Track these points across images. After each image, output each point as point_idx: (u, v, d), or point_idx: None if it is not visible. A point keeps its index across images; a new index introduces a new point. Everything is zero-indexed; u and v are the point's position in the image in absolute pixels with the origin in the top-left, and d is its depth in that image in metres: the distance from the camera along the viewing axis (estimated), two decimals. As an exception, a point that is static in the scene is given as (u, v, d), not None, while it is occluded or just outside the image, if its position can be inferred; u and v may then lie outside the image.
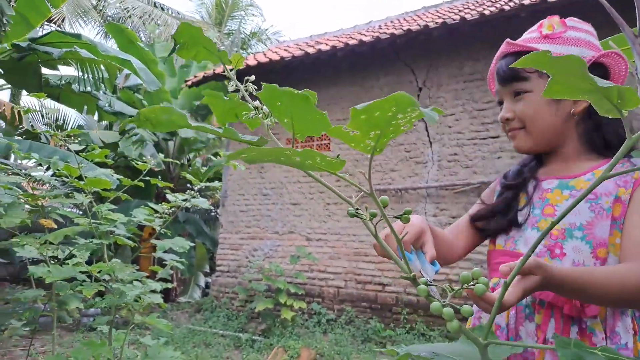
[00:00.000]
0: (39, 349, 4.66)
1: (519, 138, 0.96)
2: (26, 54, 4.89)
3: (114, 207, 2.30)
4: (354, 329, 5.03)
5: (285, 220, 6.15)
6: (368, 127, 0.43)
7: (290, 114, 0.48)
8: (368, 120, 0.42)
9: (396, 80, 5.54)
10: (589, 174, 0.91)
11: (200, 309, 6.55)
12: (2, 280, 9.34)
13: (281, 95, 0.45)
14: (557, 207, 0.91)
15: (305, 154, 0.42)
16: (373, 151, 0.47)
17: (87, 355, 2.03)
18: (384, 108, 0.41)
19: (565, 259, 0.87)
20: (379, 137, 0.45)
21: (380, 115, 0.41)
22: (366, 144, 0.46)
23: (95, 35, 11.90)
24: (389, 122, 0.43)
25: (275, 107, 0.48)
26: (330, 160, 0.44)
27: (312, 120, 0.47)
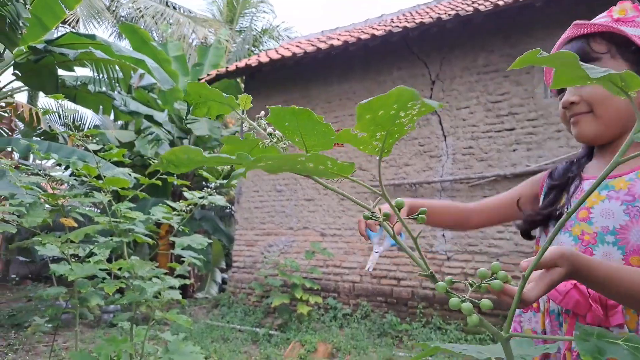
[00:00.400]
0: (62, 344, 4.76)
1: (584, 123, 0.89)
2: (42, 56, 4.98)
3: (132, 205, 2.34)
4: (370, 323, 5.04)
5: (299, 216, 6.17)
6: (374, 127, 0.44)
7: (298, 131, 0.49)
8: (373, 120, 0.43)
9: (409, 74, 5.50)
10: (633, 174, 0.85)
11: (218, 304, 6.62)
12: (24, 278, 9.56)
13: (285, 114, 0.47)
14: (592, 210, 0.86)
15: (317, 159, 0.44)
16: (381, 153, 0.48)
17: (110, 351, 2.07)
18: (386, 104, 0.41)
19: None
20: (385, 137, 0.46)
21: (384, 113, 0.42)
22: (374, 145, 0.47)
23: (109, 36, 12.05)
24: (393, 121, 0.43)
25: (284, 128, 0.50)
26: (341, 164, 0.45)
27: (318, 133, 0.49)
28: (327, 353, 4.25)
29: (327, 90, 6.18)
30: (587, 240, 0.84)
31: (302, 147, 0.51)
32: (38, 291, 7.25)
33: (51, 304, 5.89)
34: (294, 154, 0.42)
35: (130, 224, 2.28)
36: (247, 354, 4.36)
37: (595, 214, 0.85)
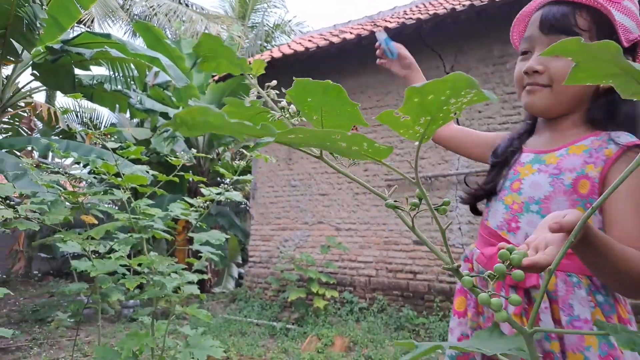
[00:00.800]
0: (84, 339, 4.87)
1: (540, 95, 0.90)
2: (59, 55, 5.05)
3: (151, 202, 2.37)
4: (387, 317, 5.05)
5: (314, 210, 6.19)
6: (420, 112, 0.42)
7: (320, 110, 0.47)
8: (420, 104, 0.41)
9: (423, 67, 5.39)
10: (563, 150, 0.89)
11: (235, 299, 6.69)
12: (46, 275, 9.77)
13: (313, 89, 0.45)
14: (523, 181, 0.91)
15: (353, 139, 0.41)
16: (422, 138, 0.45)
17: (133, 345, 2.11)
18: (439, 90, 0.39)
19: (518, 232, 0.88)
20: (429, 123, 0.43)
21: (434, 98, 0.40)
22: (415, 130, 0.44)
23: (124, 35, 12.18)
24: (441, 107, 0.41)
25: (305, 104, 0.47)
26: (378, 147, 0.42)
27: (342, 114, 0.46)
28: (344, 347, 4.26)
29: (341, 84, 6.07)
30: (515, 209, 0.89)
31: (319, 126, 0.49)
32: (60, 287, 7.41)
33: (73, 300, 6.02)
34: (328, 130, 0.40)
35: (150, 220, 2.32)
36: (264, 347, 4.40)
37: (524, 186, 0.90)
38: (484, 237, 0.97)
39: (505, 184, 0.95)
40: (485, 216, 0.99)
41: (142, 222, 2.28)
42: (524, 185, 0.90)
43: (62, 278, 9.38)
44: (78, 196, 2.75)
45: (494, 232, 0.94)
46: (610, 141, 0.85)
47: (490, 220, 0.96)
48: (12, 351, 4.46)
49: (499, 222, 0.92)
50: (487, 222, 0.96)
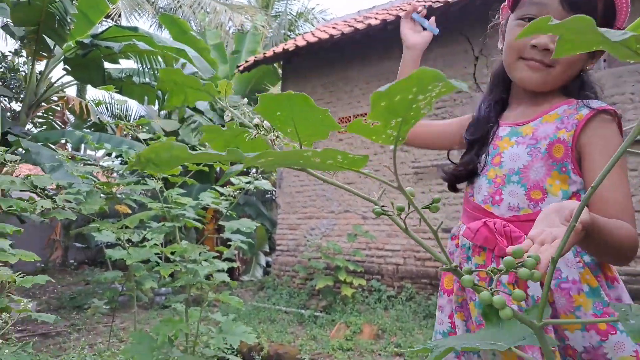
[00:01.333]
0: (119, 325, 5.03)
1: (540, 74, 0.90)
2: (89, 50, 5.17)
3: (182, 191, 2.41)
4: (415, 305, 5.02)
5: (340, 199, 6.18)
6: (389, 115, 0.41)
7: (292, 121, 0.45)
8: (388, 107, 0.40)
9: (450, 51, 5.34)
10: (537, 120, 0.92)
11: (263, 287, 6.78)
12: (81, 263, 10.13)
13: (279, 102, 0.43)
14: (503, 155, 0.92)
15: (325, 154, 0.40)
16: (396, 141, 0.44)
17: (167, 330, 2.16)
18: (405, 89, 0.38)
19: (502, 204, 0.90)
20: (400, 124, 0.42)
21: (401, 98, 0.39)
22: (388, 134, 0.43)
23: (150, 28, 12.34)
24: (410, 106, 0.40)
25: (275, 118, 0.46)
26: (352, 157, 0.42)
27: (315, 122, 0.45)
28: (373, 334, 4.27)
29: (366, 70, 6.09)
30: (498, 183, 0.91)
31: (295, 138, 0.48)
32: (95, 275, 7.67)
33: (108, 287, 6.23)
34: (299, 150, 0.39)
35: (181, 209, 2.36)
36: (293, 334, 4.45)
37: (505, 159, 0.92)
38: (468, 212, 0.98)
39: (487, 160, 0.96)
40: (470, 192, 0.99)
41: (174, 211, 2.33)
42: (504, 158, 0.92)
43: (97, 267, 9.70)
44: (112, 186, 2.82)
45: (478, 206, 0.95)
46: (582, 107, 0.88)
47: (476, 196, 0.96)
48: (53, 336, 4.65)
49: (484, 197, 0.94)
50: (472, 198, 0.97)
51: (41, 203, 2.45)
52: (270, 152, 0.38)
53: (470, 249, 0.92)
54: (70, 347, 4.05)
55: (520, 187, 0.88)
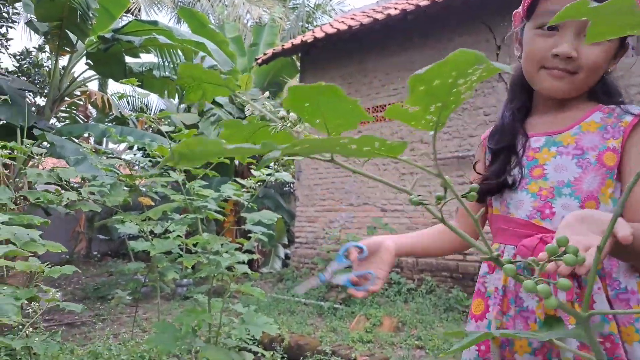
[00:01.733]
0: (142, 315, 5.12)
1: (565, 82, 0.87)
2: (111, 44, 5.23)
3: (204, 183, 2.43)
4: (435, 298, 4.99)
5: (359, 192, 6.16)
6: (428, 100, 0.40)
7: (320, 112, 0.45)
8: (427, 92, 0.39)
9: (472, 41, 5.24)
10: (575, 128, 0.89)
11: (282, 278, 6.82)
12: (104, 255, 10.35)
13: (308, 93, 0.43)
14: (546, 166, 0.89)
15: (363, 141, 0.39)
16: (436, 127, 0.43)
17: (191, 320, 2.19)
18: (443, 73, 0.37)
19: (554, 217, 0.86)
20: (440, 110, 0.41)
21: (440, 83, 0.38)
22: (427, 120, 0.42)
23: (169, 21, 12.43)
24: (450, 91, 0.39)
25: (303, 110, 0.45)
26: (390, 144, 0.40)
27: (345, 112, 0.44)
28: (393, 327, 4.26)
29: (385, 62, 6.03)
30: (545, 195, 0.88)
31: (324, 129, 0.47)
32: (118, 267, 7.83)
33: (131, 279, 6.35)
34: (334, 137, 0.38)
35: (203, 201, 2.38)
36: (313, 326, 4.47)
37: (549, 170, 0.89)
38: (510, 230, 0.92)
39: (524, 172, 0.92)
40: (505, 209, 0.94)
41: (196, 202, 2.34)
42: (548, 170, 0.89)
43: (119, 258, 9.90)
44: (135, 179, 2.86)
45: (525, 222, 0.89)
46: (624, 114, 0.87)
47: (515, 212, 0.91)
48: (78, 326, 4.76)
49: (529, 212, 0.89)
50: (512, 214, 0.92)
51: (67, 195, 2.50)
52: (306, 140, 0.37)
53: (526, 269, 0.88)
54: (96, 337, 4.14)
55: (573, 200, 0.85)
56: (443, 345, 3.70)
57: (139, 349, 3.54)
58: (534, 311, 0.84)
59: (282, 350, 3.67)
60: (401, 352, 3.61)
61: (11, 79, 5.26)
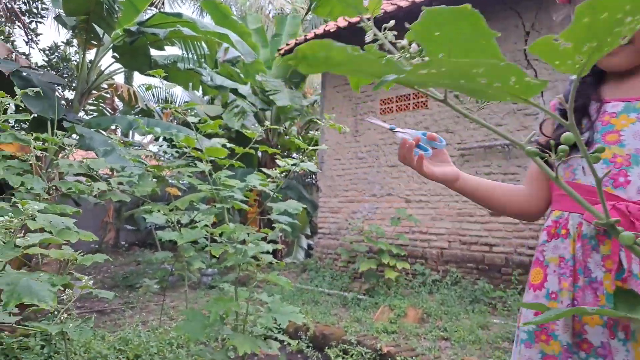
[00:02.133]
0: (169, 304, 5.23)
1: (623, 55, 0.86)
2: (136, 37, 5.29)
3: (231, 173, 2.44)
4: (461, 290, 4.94)
5: (382, 182, 6.12)
6: (586, 36, 0.36)
7: (448, 45, 0.41)
8: (589, 25, 0.35)
9: (500, 27, 5.10)
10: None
11: (305, 269, 6.86)
12: (132, 245, 10.59)
13: (444, 19, 0.39)
14: (623, 132, 0.86)
15: (500, 72, 0.35)
16: (581, 71, 0.39)
17: (219, 309, 2.21)
18: (617, 5, 0.33)
19: (629, 186, 0.83)
20: (593, 51, 0.37)
21: (607, 17, 0.34)
22: (575, 60, 0.38)
23: (192, 14, 12.52)
24: (612, 29, 0.35)
25: (431, 40, 0.41)
26: (528, 81, 0.36)
27: (475, 48, 0.40)
28: (418, 318, 4.24)
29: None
30: (620, 163, 0.84)
31: None
32: (146, 256, 7.99)
33: (158, 268, 6.49)
34: (464, 61, 0.34)
35: (230, 191, 2.39)
36: (337, 316, 4.48)
37: (626, 137, 0.85)
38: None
39: (594, 137, 0.88)
40: (570, 175, 0.91)
41: (223, 192, 2.36)
42: (625, 136, 0.85)
43: (146, 248, 10.12)
44: (162, 169, 2.91)
45: (593, 188, 0.86)
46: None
47: (583, 178, 0.89)
48: (108, 313, 4.90)
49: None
50: (578, 181, 0.89)
51: (97, 185, 2.56)
52: (435, 61, 0.34)
53: (593, 239, 0.86)
54: (125, 324, 4.25)
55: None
56: (469, 337, 3.66)
57: (167, 336, 3.62)
58: (602, 282, 0.82)
59: (307, 339, 3.70)
60: (426, 343, 3.59)
61: (41, 73, 5.39)
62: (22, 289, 1.53)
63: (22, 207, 1.55)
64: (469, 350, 3.43)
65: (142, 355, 3.24)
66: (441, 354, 3.33)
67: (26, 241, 1.63)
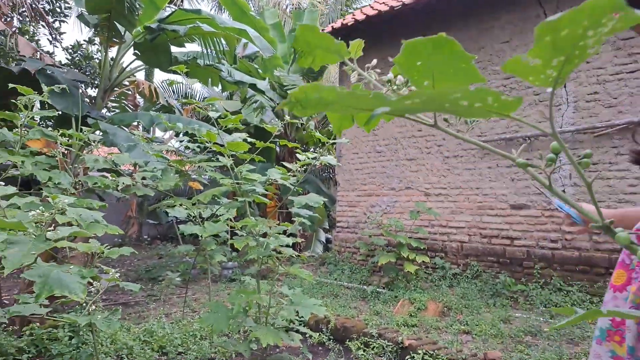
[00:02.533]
0: (191, 296, 5.32)
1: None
2: (157, 34, 5.35)
3: (252, 167, 2.47)
4: (481, 284, 4.90)
5: (401, 176, 6.09)
6: (552, 52, 0.38)
7: (431, 72, 0.43)
8: (553, 43, 0.36)
9: (520, 17, 5.01)
10: None
11: (324, 262, 6.88)
12: (154, 239, 10.79)
13: (422, 48, 0.41)
14: None
15: (475, 95, 0.37)
16: (555, 83, 0.41)
17: (242, 301, 2.25)
18: (575, 21, 0.34)
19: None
20: (562, 64, 0.38)
21: (569, 33, 0.35)
22: (547, 75, 0.40)
23: (210, 10, 12.60)
24: (577, 43, 0.36)
25: (414, 70, 0.44)
26: (505, 100, 0.38)
27: (457, 73, 0.42)
28: (438, 311, 4.22)
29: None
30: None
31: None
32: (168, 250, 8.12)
33: (180, 261, 6.60)
34: (445, 90, 0.36)
35: (251, 185, 2.42)
36: (357, 309, 4.50)
37: None
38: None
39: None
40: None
41: (244, 186, 2.39)
42: None
43: (167, 242, 10.30)
44: (184, 164, 2.95)
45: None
46: None
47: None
48: (132, 305, 5.01)
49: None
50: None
51: (122, 180, 2.62)
52: (417, 93, 0.36)
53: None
54: (149, 316, 4.34)
55: None
56: (491, 330, 3.64)
57: (191, 328, 3.69)
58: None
59: (328, 332, 3.72)
60: (448, 337, 3.58)
61: (66, 71, 5.51)
62: (54, 281, 1.59)
63: (53, 201, 1.60)
64: (490, 344, 3.41)
65: (167, 346, 3.31)
66: (463, 347, 3.32)
67: (56, 234, 1.69)
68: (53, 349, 2.94)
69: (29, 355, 2.97)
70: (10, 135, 2.58)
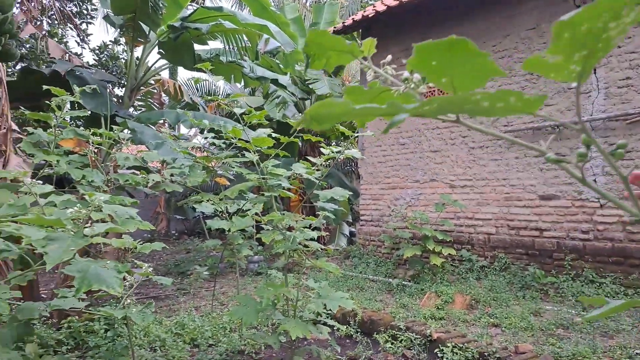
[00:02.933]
0: (219, 290, 5.41)
1: None
2: (180, 33, 5.44)
3: (278, 162, 2.49)
4: (510, 276, 4.82)
5: (425, 168, 6.03)
6: (573, 48, 0.37)
7: (448, 70, 0.43)
8: (572, 39, 0.36)
9: (546, 2, 4.88)
10: None
11: (349, 255, 6.90)
12: (181, 234, 11.01)
13: (435, 51, 0.41)
14: None
15: (497, 97, 0.37)
16: (579, 78, 0.40)
17: (270, 294, 2.28)
18: (593, 17, 0.34)
19: None
20: (585, 58, 0.38)
21: (588, 28, 0.35)
22: (570, 70, 0.39)
23: (231, 6, 12.68)
24: (599, 36, 0.35)
25: (430, 69, 0.43)
26: (527, 99, 0.38)
27: (474, 69, 0.42)
28: (466, 304, 4.19)
29: (448, 32, 5.70)
30: None
31: (449, 89, 0.45)
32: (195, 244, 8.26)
33: (207, 255, 6.72)
34: (465, 94, 0.36)
35: (277, 179, 2.45)
36: (383, 302, 4.50)
37: None
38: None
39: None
40: None
41: (270, 181, 2.42)
42: None
43: (194, 237, 10.49)
44: (211, 160, 3.00)
45: None
46: None
47: None
48: (162, 299, 5.13)
49: None
50: None
51: (152, 177, 2.68)
52: (435, 98, 0.37)
53: None
54: (179, 309, 4.45)
55: None
56: (520, 323, 3.59)
57: (220, 320, 3.76)
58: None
59: (356, 324, 3.74)
60: (477, 330, 3.55)
61: (94, 71, 5.65)
62: (92, 276, 1.64)
63: (90, 198, 1.66)
64: (521, 337, 3.36)
65: (198, 338, 3.39)
66: (492, 340, 3.29)
67: (93, 231, 1.75)
68: (90, 341, 3.04)
69: (68, 347, 3.09)
70: (45, 135, 2.67)
